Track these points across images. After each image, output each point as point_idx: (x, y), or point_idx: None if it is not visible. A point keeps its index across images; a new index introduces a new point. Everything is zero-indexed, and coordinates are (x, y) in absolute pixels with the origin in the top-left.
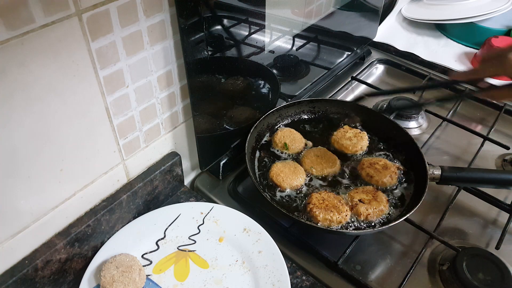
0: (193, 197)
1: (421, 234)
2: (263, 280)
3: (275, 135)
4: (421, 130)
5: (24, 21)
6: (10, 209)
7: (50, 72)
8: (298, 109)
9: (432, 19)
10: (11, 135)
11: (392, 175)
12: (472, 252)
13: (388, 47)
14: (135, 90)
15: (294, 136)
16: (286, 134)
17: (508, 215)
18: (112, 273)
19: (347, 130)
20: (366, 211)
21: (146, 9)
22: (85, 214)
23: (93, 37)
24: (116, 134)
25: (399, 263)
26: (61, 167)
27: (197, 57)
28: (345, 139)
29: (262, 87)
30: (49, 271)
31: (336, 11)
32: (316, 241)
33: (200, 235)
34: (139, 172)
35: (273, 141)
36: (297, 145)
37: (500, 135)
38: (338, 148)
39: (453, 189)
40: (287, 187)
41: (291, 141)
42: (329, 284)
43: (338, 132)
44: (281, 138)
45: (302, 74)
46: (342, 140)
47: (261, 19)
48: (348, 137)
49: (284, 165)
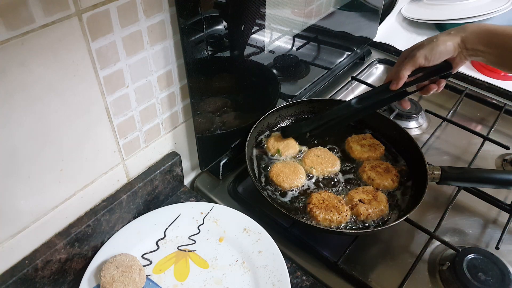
0: (193, 197)
1: (421, 234)
2: (263, 280)
3: (269, 140)
4: (421, 130)
5: (24, 21)
6: (10, 209)
7: (50, 72)
8: (298, 109)
9: (432, 19)
10: (11, 135)
11: (394, 179)
12: (472, 252)
13: (388, 47)
14: (135, 90)
15: (288, 141)
16: (278, 139)
17: (508, 215)
18: (112, 273)
19: (367, 138)
20: (366, 211)
21: (146, 9)
22: (85, 214)
23: (93, 37)
24: (116, 134)
25: (399, 263)
26: (61, 167)
27: (197, 57)
28: (358, 144)
29: (262, 87)
30: (49, 271)
31: (336, 11)
32: (316, 241)
33: (200, 235)
34: (139, 172)
35: (266, 145)
36: (291, 151)
37: (500, 135)
38: (346, 149)
39: (453, 189)
40: (287, 187)
41: (284, 147)
42: (329, 284)
43: (357, 136)
44: (274, 144)
45: (302, 74)
46: (354, 143)
47: (261, 19)
48: (362, 143)
49: (284, 165)
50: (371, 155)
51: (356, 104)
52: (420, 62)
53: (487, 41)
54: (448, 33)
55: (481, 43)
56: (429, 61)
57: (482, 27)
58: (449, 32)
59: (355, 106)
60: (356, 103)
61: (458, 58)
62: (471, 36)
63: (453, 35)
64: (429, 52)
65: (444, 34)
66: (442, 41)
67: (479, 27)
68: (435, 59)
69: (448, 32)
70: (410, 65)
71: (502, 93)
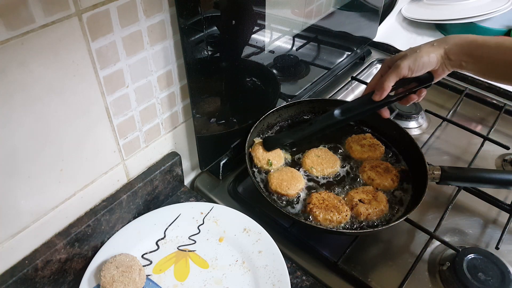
0: (193, 197)
1: (421, 234)
2: (263, 280)
3: (256, 150)
4: (421, 130)
5: (24, 21)
6: (10, 209)
7: (50, 72)
8: (298, 109)
9: (432, 19)
10: (11, 135)
11: (394, 179)
12: (472, 252)
13: (388, 47)
14: (135, 90)
15: (275, 151)
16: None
17: (508, 215)
18: (112, 273)
19: (367, 138)
20: (366, 211)
21: (146, 9)
22: (85, 214)
23: (93, 37)
24: (116, 134)
25: (399, 263)
26: (61, 167)
27: (197, 57)
28: (358, 144)
29: (262, 87)
30: (49, 271)
31: (336, 11)
32: (316, 241)
33: (200, 235)
34: (139, 172)
35: (254, 157)
36: (279, 161)
37: (500, 135)
38: (346, 148)
39: (453, 189)
40: (294, 193)
41: (274, 158)
42: (329, 284)
43: (357, 136)
44: (264, 155)
45: (302, 74)
46: (354, 143)
47: (261, 19)
48: (362, 144)
49: (280, 173)
50: (371, 155)
51: (340, 115)
52: (404, 73)
53: (469, 53)
54: (431, 44)
55: (464, 54)
56: (412, 72)
57: (464, 38)
58: (432, 43)
59: (338, 118)
60: (339, 115)
61: (440, 69)
62: (454, 48)
63: (436, 47)
64: (412, 63)
65: (427, 45)
66: (426, 52)
67: (461, 39)
68: (418, 70)
69: (431, 43)
70: (394, 76)
71: (502, 93)
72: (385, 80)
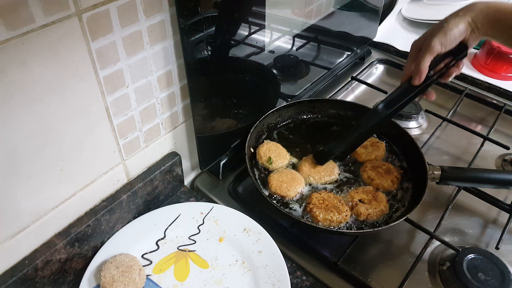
0: (193, 197)
1: (421, 234)
2: (263, 280)
3: (261, 147)
4: (421, 130)
5: (24, 21)
6: (10, 209)
7: (50, 72)
8: (298, 109)
9: (432, 19)
10: (11, 135)
11: (394, 180)
12: (472, 252)
13: (388, 47)
14: (135, 90)
15: (280, 151)
16: (271, 148)
17: (508, 215)
18: (112, 273)
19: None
20: (366, 211)
21: (146, 9)
22: (85, 214)
23: (93, 37)
24: (116, 134)
25: (399, 263)
26: (61, 167)
27: (197, 57)
28: (361, 147)
29: (262, 87)
30: (49, 271)
31: (336, 11)
32: (316, 241)
33: (200, 235)
34: (139, 172)
35: (257, 153)
36: (281, 161)
37: (500, 135)
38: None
39: (453, 189)
40: (293, 195)
41: (276, 156)
42: (329, 284)
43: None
44: (266, 152)
45: (302, 74)
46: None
47: (261, 19)
48: (364, 145)
49: (281, 174)
50: (378, 154)
51: (384, 109)
52: (437, 50)
53: (496, 22)
54: (457, 14)
55: (490, 23)
56: (445, 47)
57: (490, 5)
58: (457, 13)
59: (383, 113)
60: (383, 109)
61: (471, 38)
62: (480, 16)
63: (462, 16)
64: (443, 38)
65: (452, 16)
66: (454, 24)
67: (487, 6)
68: (450, 43)
69: (456, 13)
70: (428, 55)
71: (502, 93)
72: (420, 62)
